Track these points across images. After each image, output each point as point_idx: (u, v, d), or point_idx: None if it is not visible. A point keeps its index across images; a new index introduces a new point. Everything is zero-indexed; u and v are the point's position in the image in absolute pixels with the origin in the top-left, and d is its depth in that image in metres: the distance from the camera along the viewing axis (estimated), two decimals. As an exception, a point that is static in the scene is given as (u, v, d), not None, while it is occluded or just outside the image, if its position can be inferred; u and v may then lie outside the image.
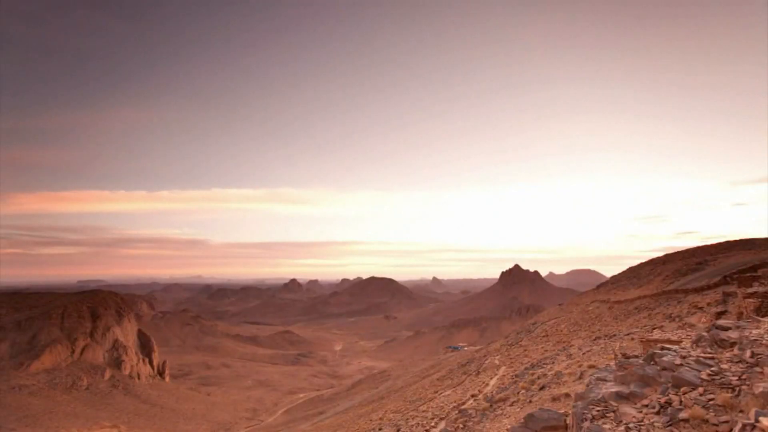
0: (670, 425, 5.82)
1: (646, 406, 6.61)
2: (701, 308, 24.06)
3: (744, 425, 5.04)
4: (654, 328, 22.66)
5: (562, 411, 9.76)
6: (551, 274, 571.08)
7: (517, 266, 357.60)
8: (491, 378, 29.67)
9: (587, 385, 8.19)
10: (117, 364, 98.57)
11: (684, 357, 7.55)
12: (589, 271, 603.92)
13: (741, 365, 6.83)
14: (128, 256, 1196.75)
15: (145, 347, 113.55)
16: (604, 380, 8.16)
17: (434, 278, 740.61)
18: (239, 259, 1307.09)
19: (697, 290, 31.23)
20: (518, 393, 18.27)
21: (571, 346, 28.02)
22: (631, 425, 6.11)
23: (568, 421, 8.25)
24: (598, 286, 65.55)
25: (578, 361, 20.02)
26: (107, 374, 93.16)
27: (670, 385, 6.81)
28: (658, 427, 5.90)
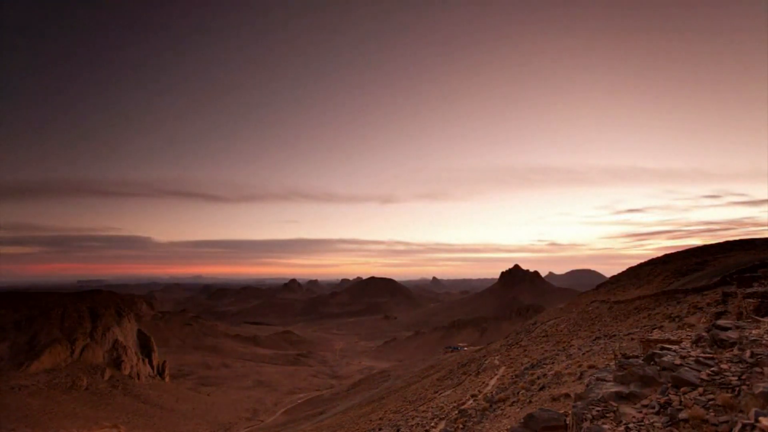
0: (670, 425, 5.81)
1: (646, 406, 6.61)
2: (701, 308, 24.04)
3: (744, 425, 5.04)
4: (654, 328, 22.64)
5: (562, 411, 9.77)
6: (551, 274, 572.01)
7: (517, 266, 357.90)
8: (491, 378, 29.64)
9: (587, 385, 8.18)
10: (117, 364, 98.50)
11: (684, 357, 7.54)
12: (589, 271, 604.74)
13: (741, 365, 6.82)
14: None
15: (145, 347, 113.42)
16: (604, 380, 8.15)
17: (434, 278, 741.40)
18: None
19: (697, 290, 31.24)
20: (518, 393, 18.26)
21: (570, 346, 28.01)
22: (630, 425, 6.11)
23: (568, 421, 8.25)
24: (598, 286, 65.45)
25: (578, 361, 20.01)
26: (107, 374, 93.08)
27: (669, 385, 6.81)
28: (658, 427, 5.89)
